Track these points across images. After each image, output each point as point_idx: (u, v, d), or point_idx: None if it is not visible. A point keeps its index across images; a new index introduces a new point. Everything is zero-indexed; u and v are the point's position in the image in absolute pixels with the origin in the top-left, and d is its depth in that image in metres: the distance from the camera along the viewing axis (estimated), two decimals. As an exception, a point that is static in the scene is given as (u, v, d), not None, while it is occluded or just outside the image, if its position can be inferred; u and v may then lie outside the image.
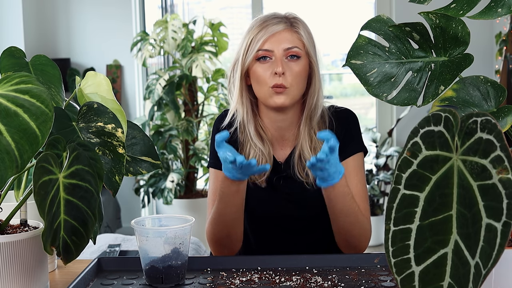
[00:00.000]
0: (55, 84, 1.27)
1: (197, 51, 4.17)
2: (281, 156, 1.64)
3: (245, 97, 1.61)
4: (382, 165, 4.29)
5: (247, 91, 1.61)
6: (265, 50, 1.54)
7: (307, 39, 1.57)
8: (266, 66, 1.55)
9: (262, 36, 1.55)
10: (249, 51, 1.56)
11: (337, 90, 5.08)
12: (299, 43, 1.56)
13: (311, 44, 1.58)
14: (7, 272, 1.14)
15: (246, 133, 1.62)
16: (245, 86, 1.61)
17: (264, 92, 1.55)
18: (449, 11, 1.02)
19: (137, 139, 1.29)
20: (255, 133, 1.61)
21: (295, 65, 1.54)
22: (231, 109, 1.64)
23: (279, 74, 1.52)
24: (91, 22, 4.59)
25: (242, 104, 1.61)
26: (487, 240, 0.77)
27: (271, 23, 1.56)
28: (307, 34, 1.58)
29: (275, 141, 1.65)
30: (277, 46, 1.54)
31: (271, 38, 1.54)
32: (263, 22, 1.57)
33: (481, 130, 0.80)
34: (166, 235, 1.27)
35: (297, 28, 1.56)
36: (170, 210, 4.21)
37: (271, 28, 1.55)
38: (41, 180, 1.03)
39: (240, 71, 1.58)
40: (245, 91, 1.61)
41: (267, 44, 1.54)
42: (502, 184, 0.77)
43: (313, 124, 1.60)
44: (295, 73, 1.54)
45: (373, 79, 1.13)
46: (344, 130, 1.63)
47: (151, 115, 4.20)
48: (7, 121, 0.99)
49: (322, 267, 1.38)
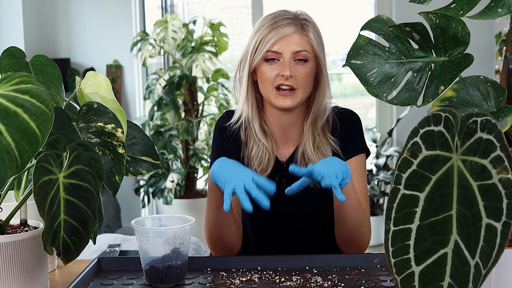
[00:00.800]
0: (55, 84, 1.27)
1: (197, 51, 4.17)
2: (284, 155, 1.64)
3: (250, 94, 1.62)
4: (382, 165, 4.29)
5: (253, 88, 1.62)
6: (274, 52, 1.55)
7: (316, 42, 1.57)
8: (273, 67, 1.55)
9: (272, 37, 1.55)
10: (258, 51, 1.56)
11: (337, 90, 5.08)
12: (308, 46, 1.56)
13: (320, 46, 1.58)
14: (7, 272, 1.14)
15: (250, 129, 1.63)
16: (252, 83, 1.61)
17: (269, 92, 1.56)
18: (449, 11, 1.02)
19: (137, 139, 1.29)
20: (259, 129, 1.62)
21: (303, 68, 1.55)
22: (240, 105, 1.65)
23: (286, 77, 1.52)
24: (91, 22, 4.59)
25: (248, 101, 1.62)
26: (487, 240, 0.77)
27: (281, 24, 1.56)
28: (317, 36, 1.58)
29: (279, 140, 1.65)
30: (286, 48, 1.54)
31: (280, 40, 1.55)
32: (274, 23, 1.56)
33: (481, 130, 0.80)
34: (166, 235, 1.27)
35: (307, 31, 1.56)
36: (170, 210, 4.21)
37: (282, 30, 1.55)
38: (41, 180, 1.03)
39: (247, 69, 1.59)
40: (251, 88, 1.61)
41: (277, 46, 1.55)
42: (502, 184, 0.77)
43: (317, 124, 1.61)
44: (302, 75, 1.54)
45: (373, 79, 1.13)
46: (348, 131, 1.63)
47: (151, 115, 4.20)
48: (7, 121, 0.99)
49: (322, 267, 1.38)
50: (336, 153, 1.61)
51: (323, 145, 1.61)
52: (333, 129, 1.64)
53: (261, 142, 1.61)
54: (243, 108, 1.64)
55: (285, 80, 1.53)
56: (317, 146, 1.61)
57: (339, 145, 1.62)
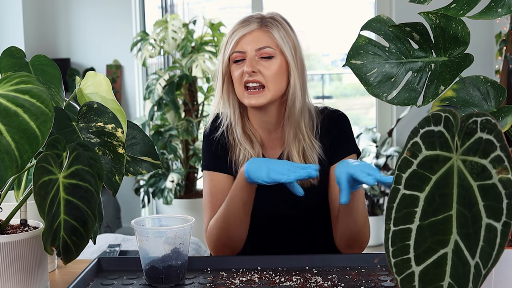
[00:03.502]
0: (55, 84, 1.27)
1: (197, 51, 4.17)
2: (272, 156, 1.64)
3: (231, 98, 1.62)
4: (382, 165, 4.29)
5: (233, 92, 1.61)
6: (238, 52, 1.56)
7: (281, 38, 1.56)
8: (240, 66, 1.56)
9: (234, 37, 1.56)
10: (225, 52, 1.58)
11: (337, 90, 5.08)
12: (272, 42, 1.56)
13: (286, 43, 1.57)
14: (7, 272, 1.14)
15: (234, 135, 1.63)
16: (231, 87, 1.61)
17: (240, 93, 1.57)
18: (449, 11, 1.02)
19: (137, 139, 1.29)
20: (242, 135, 1.62)
21: (269, 65, 1.55)
22: (212, 112, 1.66)
23: (249, 73, 1.53)
24: (91, 22, 4.59)
25: (229, 106, 1.62)
26: (487, 240, 0.77)
27: (243, 25, 1.57)
28: (283, 33, 1.57)
29: (265, 140, 1.65)
30: (248, 46, 1.55)
31: (242, 39, 1.56)
32: (239, 23, 1.58)
33: (481, 130, 0.80)
34: (166, 235, 1.27)
35: (269, 28, 1.56)
36: (170, 210, 4.21)
37: (243, 29, 1.56)
38: (41, 180, 1.03)
39: (221, 72, 1.60)
40: (231, 93, 1.61)
41: (239, 45, 1.56)
42: (502, 184, 0.77)
43: (300, 125, 1.60)
44: (269, 72, 1.54)
45: (373, 79, 1.13)
46: (338, 132, 1.64)
47: (151, 115, 4.20)
48: (7, 121, 0.99)
49: (322, 267, 1.38)
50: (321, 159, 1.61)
51: (309, 150, 1.60)
52: (322, 131, 1.63)
53: (246, 149, 1.61)
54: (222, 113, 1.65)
55: (249, 77, 1.53)
56: (302, 150, 1.60)
57: (330, 147, 1.62)
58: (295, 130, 1.60)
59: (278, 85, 1.56)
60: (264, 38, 1.55)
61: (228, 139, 1.64)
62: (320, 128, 1.63)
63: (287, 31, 1.58)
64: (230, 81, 1.60)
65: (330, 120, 1.65)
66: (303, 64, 1.61)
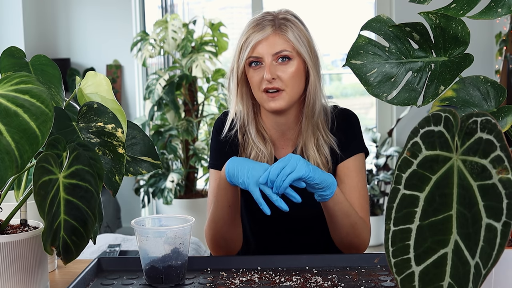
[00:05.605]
0: (55, 84, 1.27)
1: (197, 51, 4.17)
2: (283, 155, 1.64)
3: (245, 99, 1.62)
4: (382, 165, 4.29)
5: (247, 93, 1.62)
6: (254, 57, 1.56)
7: (297, 40, 1.56)
8: (258, 71, 1.56)
9: (250, 42, 1.56)
10: (240, 58, 1.58)
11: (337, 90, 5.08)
12: (288, 45, 1.55)
13: (302, 44, 1.57)
14: (7, 272, 1.14)
15: (247, 134, 1.63)
16: (245, 88, 1.62)
17: (259, 97, 1.57)
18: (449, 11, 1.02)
19: (137, 139, 1.29)
20: (256, 134, 1.62)
21: (287, 68, 1.54)
22: (230, 114, 1.65)
23: (269, 80, 1.53)
24: (91, 22, 4.59)
25: (243, 106, 1.63)
26: (487, 240, 0.77)
27: (258, 28, 1.56)
28: (298, 33, 1.56)
29: (276, 141, 1.66)
30: (265, 51, 1.55)
31: (258, 44, 1.55)
32: (253, 26, 1.57)
33: (481, 130, 0.80)
34: (166, 235, 1.27)
35: (284, 31, 1.56)
36: (170, 210, 4.21)
37: (258, 34, 1.55)
38: (41, 180, 1.03)
39: (236, 76, 1.60)
40: (245, 94, 1.62)
41: (256, 50, 1.55)
42: (502, 184, 0.77)
43: (315, 122, 1.60)
44: (287, 75, 1.54)
45: (373, 79, 1.13)
46: (346, 131, 1.64)
47: (151, 115, 4.20)
48: (7, 121, 0.99)
49: (322, 267, 1.38)
50: (335, 152, 1.62)
51: (324, 144, 1.61)
52: (332, 129, 1.64)
53: (258, 148, 1.61)
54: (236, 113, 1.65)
55: (269, 84, 1.54)
56: (318, 145, 1.61)
57: (338, 145, 1.62)
58: (313, 128, 1.61)
59: (296, 87, 1.57)
60: (279, 42, 1.55)
61: (239, 138, 1.65)
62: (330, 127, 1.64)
63: (301, 30, 1.58)
64: (244, 83, 1.61)
65: (339, 118, 1.65)
66: (318, 59, 1.61)
